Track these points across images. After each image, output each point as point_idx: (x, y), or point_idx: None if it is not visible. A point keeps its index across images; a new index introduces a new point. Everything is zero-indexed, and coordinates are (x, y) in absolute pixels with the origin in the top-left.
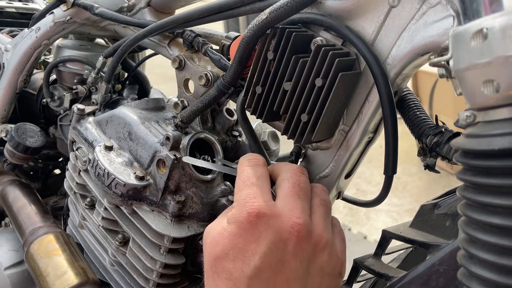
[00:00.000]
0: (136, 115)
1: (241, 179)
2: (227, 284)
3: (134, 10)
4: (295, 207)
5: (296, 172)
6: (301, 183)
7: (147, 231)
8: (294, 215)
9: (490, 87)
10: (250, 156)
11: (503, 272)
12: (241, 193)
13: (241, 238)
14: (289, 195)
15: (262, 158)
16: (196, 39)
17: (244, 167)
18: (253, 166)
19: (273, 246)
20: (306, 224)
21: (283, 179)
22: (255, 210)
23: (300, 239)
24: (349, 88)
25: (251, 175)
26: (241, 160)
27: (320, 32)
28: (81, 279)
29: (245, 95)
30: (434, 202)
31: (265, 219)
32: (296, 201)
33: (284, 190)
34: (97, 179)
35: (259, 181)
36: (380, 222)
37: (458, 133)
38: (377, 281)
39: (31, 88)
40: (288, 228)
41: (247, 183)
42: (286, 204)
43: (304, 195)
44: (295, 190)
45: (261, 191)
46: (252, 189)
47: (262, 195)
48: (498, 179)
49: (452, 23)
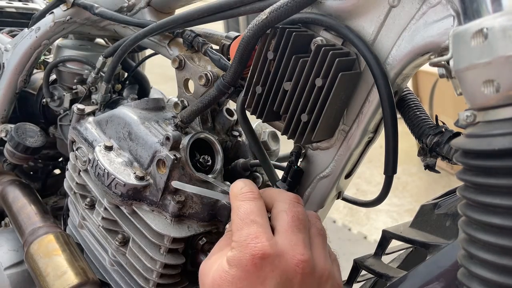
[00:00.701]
0: (136, 115)
1: (239, 216)
2: None
3: (134, 10)
4: (297, 242)
5: (293, 203)
6: (299, 215)
7: (147, 231)
8: (298, 252)
9: (490, 87)
10: (244, 187)
11: (503, 272)
12: (241, 233)
13: (246, 281)
14: (290, 230)
15: (256, 188)
16: (196, 39)
17: (239, 202)
18: (250, 200)
19: (280, 286)
20: (309, 260)
21: (280, 210)
22: (259, 252)
23: (305, 276)
24: (349, 88)
25: (249, 212)
26: (235, 192)
27: (320, 32)
28: (81, 279)
29: (245, 95)
30: (434, 202)
31: (269, 260)
32: (298, 235)
33: (284, 224)
34: (97, 179)
35: (258, 218)
36: (380, 222)
37: (458, 133)
38: (377, 281)
39: (31, 88)
40: (293, 266)
41: (246, 221)
42: (288, 240)
43: (304, 228)
44: (295, 224)
45: (262, 229)
46: (253, 228)
47: (264, 234)
48: (498, 179)
49: (452, 23)
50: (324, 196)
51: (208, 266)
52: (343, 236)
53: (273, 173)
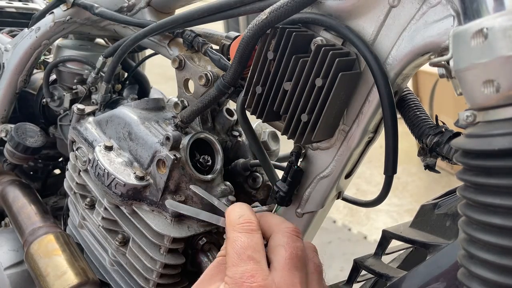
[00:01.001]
0: (136, 115)
1: (235, 250)
2: None
3: (134, 10)
4: (295, 284)
5: (292, 237)
6: (298, 251)
7: (147, 231)
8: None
9: (491, 87)
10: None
11: (503, 272)
12: (237, 269)
13: None
14: (287, 268)
15: (255, 217)
16: (196, 39)
17: (236, 234)
18: (248, 233)
19: None
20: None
21: (278, 245)
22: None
23: None
24: (349, 88)
25: (247, 246)
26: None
27: (320, 32)
28: (81, 279)
29: (245, 95)
30: (434, 202)
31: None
32: (294, 274)
33: (281, 261)
34: (97, 179)
35: (255, 254)
36: (380, 222)
37: (458, 133)
38: (377, 281)
39: (31, 88)
40: None
41: (242, 257)
42: (284, 279)
43: (301, 265)
44: (292, 262)
45: (259, 267)
46: (249, 265)
47: (260, 273)
48: (498, 179)
49: (452, 23)
50: (324, 196)
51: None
52: (343, 236)
53: (273, 173)
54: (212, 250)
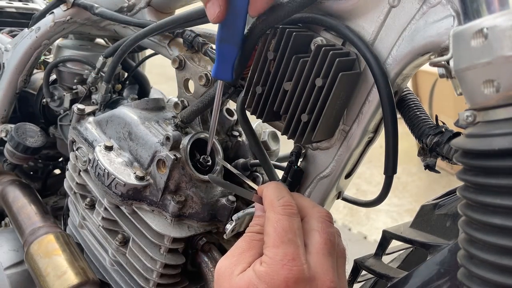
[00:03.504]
0: (136, 115)
1: (277, 232)
2: None
3: (134, 10)
4: (328, 268)
5: (326, 222)
6: (331, 237)
7: (147, 231)
8: (329, 278)
9: (491, 87)
10: (282, 199)
11: (503, 272)
12: (278, 251)
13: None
14: (321, 253)
15: (294, 204)
16: (196, 39)
17: (278, 216)
18: (290, 216)
19: None
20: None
21: (313, 229)
22: (294, 276)
23: None
24: (349, 88)
25: (289, 229)
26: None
27: (320, 32)
28: (81, 279)
29: (245, 95)
30: (435, 202)
31: (302, 285)
32: (329, 259)
33: (317, 246)
34: (97, 179)
35: (296, 237)
36: (380, 222)
37: (458, 133)
38: (377, 281)
39: (31, 88)
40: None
41: (284, 239)
42: (320, 263)
43: (334, 251)
44: (327, 247)
45: (300, 251)
46: (291, 249)
47: (300, 256)
48: (498, 179)
49: (452, 23)
50: (324, 196)
51: (229, 269)
52: (343, 236)
53: (273, 173)
54: (212, 250)
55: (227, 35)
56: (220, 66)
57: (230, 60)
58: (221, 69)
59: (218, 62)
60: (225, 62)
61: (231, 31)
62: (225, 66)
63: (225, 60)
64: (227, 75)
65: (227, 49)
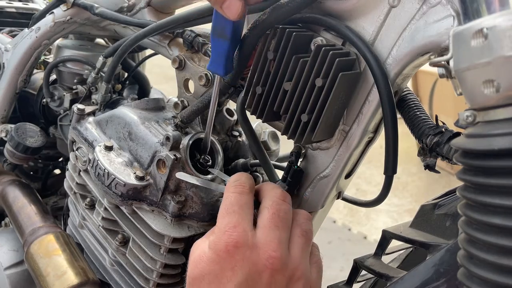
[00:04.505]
0: (136, 115)
1: (224, 205)
2: None
3: (134, 10)
4: (272, 239)
5: (277, 200)
6: (281, 213)
7: (147, 231)
8: (271, 248)
9: (491, 87)
10: (237, 181)
11: (503, 272)
12: (223, 220)
13: (218, 265)
14: (268, 226)
15: (248, 183)
16: (196, 39)
17: (228, 194)
18: (238, 193)
19: (248, 277)
20: (281, 258)
21: (264, 206)
22: (233, 240)
23: (274, 271)
24: (349, 88)
25: (234, 203)
26: (227, 185)
27: (320, 32)
28: (81, 279)
29: (245, 95)
30: (434, 202)
31: (242, 250)
32: (275, 232)
33: (263, 220)
34: (97, 179)
35: (241, 210)
36: (380, 222)
37: (458, 133)
38: (377, 281)
39: (31, 88)
40: (263, 261)
41: (229, 211)
42: (264, 235)
43: (283, 226)
44: (274, 221)
45: (242, 220)
46: (233, 218)
47: (242, 224)
48: (498, 179)
49: (452, 23)
50: (324, 196)
51: (196, 245)
52: (343, 236)
53: (273, 173)
54: None
55: (218, 28)
56: (214, 59)
57: (222, 54)
58: (215, 63)
59: (212, 55)
60: (218, 56)
61: (221, 24)
62: (218, 60)
63: (217, 54)
64: (220, 69)
65: (218, 43)
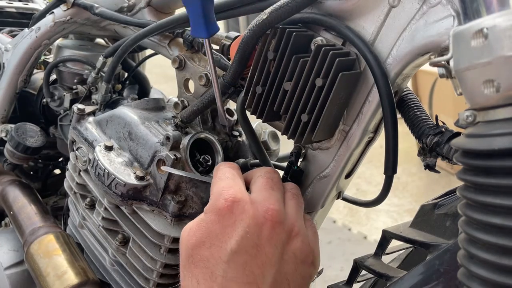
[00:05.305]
0: (136, 115)
1: (217, 176)
2: (204, 272)
3: (134, 10)
4: (269, 197)
5: (269, 169)
6: (274, 179)
7: (147, 231)
8: (269, 202)
9: (491, 87)
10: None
11: (503, 272)
12: (217, 186)
13: (218, 224)
14: (263, 188)
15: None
16: (196, 39)
17: (219, 167)
18: (228, 167)
19: (249, 230)
20: (280, 211)
21: (257, 176)
22: (231, 196)
23: (275, 224)
24: (349, 88)
25: (226, 172)
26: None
27: (320, 32)
28: (81, 279)
29: (245, 95)
30: (434, 202)
31: (241, 204)
32: (270, 192)
33: (258, 184)
34: (97, 179)
35: (233, 176)
36: (380, 222)
37: (458, 133)
38: (377, 281)
39: (31, 88)
40: (263, 213)
41: (222, 178)
42: (261, 195)
43: (277, 188)
44: (268, 184)
45: (235, 183)
46: (227, 182)
47: (237, 185)
48: (498, 179)
49: (453, 23)
50: (324, 196)
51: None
52: (343, 236)
53: None
54: None
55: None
56: (193, 24)
57: (198, 15)
58: (195, 27)
59: (191, 21)
60: (196, 18)
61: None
62: (197, 23)
63: (195, 17)
64: (202, 32)
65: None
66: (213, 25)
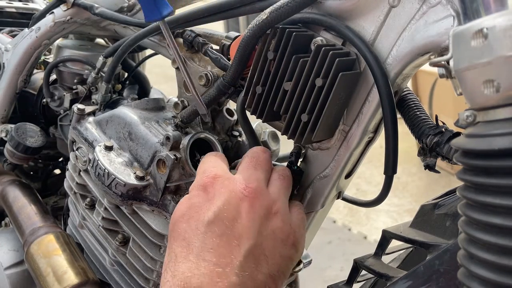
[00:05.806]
0: (136, 115)
1: (202, 162)
2: (182, 244)
3: (134, 10)
4: (250, 176)
5: (256, 149)
6: (259, 158)
7: (147, 231)
8: (248, 181)
9: (491, 87)
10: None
11: (503, 272)
12: (201, 167)
13: (198, 198)
14: (246, 167)
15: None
16: (196, 39)
17: (206, 156)
18: (214, 154)
19: (227, 203)
20: (258, 188)
21: (244, 157)
22: (212, 173)
23: (253, 199)
24: (349, 88)
25: (212, 157)
26: None
27: (320, 32)
28: (81, 279)
29: (245, 95)
30: (434, 202)
31: (221, 179)
32: (252, 171)
33: (242, 164)
34: (97, 179)
35: (216, 160)
36: (380, 222)
37: (458, 133)
38: (377, 281)
39: (31, 88)
40: (241, 189)
41: (205, 161)
42: (242, 173)
43: (261, 168)
44: (251, 163)
45: (219, 165)
46: (211, 163)
47: (220, 166)
48: (498, 179)
49: (452, 23)
50: (324, 196)
51: None
52: (343, 236)
53: None
54: None
55: None
56: (145, 9)
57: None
58: (147, 11)
59: (142, 7)
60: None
61: None
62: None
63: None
64: (156, 14)
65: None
66: (165, 6)
